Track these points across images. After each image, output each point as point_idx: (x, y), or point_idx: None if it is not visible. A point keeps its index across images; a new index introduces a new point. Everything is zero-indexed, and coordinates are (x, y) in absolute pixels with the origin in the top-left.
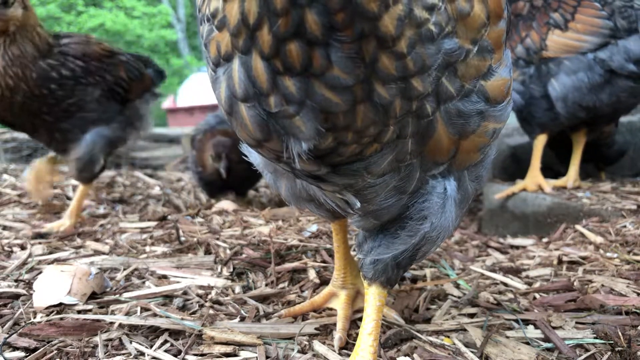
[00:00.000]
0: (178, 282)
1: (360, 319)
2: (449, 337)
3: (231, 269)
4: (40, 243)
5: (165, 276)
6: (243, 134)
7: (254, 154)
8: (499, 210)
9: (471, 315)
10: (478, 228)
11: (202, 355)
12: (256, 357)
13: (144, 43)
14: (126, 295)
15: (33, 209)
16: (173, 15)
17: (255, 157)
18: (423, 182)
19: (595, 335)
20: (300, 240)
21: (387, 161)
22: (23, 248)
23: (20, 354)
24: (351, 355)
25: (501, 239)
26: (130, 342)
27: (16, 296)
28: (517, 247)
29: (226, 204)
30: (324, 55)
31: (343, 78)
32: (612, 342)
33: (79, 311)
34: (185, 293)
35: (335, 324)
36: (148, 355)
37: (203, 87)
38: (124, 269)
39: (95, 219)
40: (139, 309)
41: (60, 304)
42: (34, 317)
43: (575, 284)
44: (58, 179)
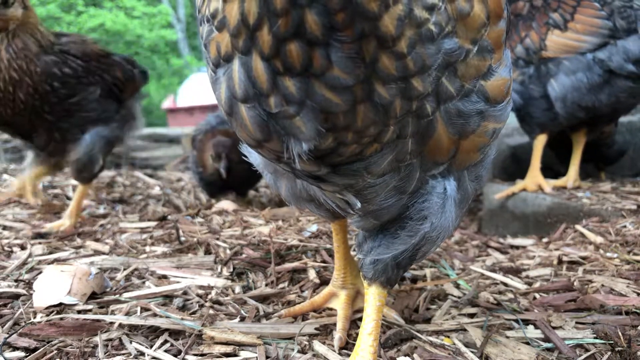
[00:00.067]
0: (178, 282)
1: (360, 319)
2: (449, 337)
3: (231, 269)
4: (40, 243)
5: (165, 276)
6: (243, 134)
7: (254, 155)
8: (499, 210)
9: (471, 315)
10: (478, 228)
11: (202, 355)
12: (256, 357)
13: (144, 43)
14: (126, 295)
15: (33, 209)
16: (173, 15)
17: (255, 158)
18: (423, 182)
19: (595, 335)
20: (300, 240)
21: (387, 161)
22: (23, 248)
23: (20, 354)
24: (351, 355)
25: (501, 239)
26: (130, 342)
27: (16, 296)
28: (517, 247)
29: (226, 204)
30: (324, 55)
31: (343, 78)
32: (612, 342)
33: (79, 311)
34: (185, 293)
35: (335, 324)
36: (148, 355)
37: (203, 87)
38: (124, 269)
39: (95, 219)
40: (139, 309)
41: (60, 304)
42: (34, 317)
43: (575, 284)
44: (40, 197)
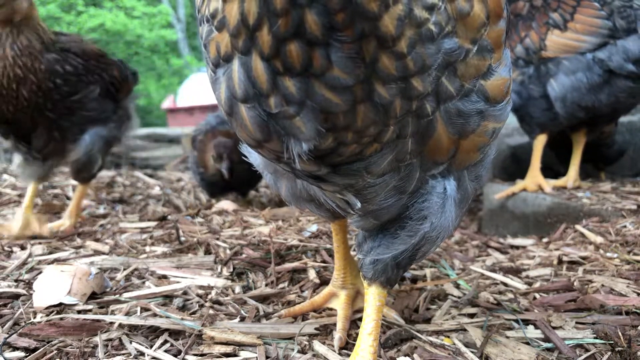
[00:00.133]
0: (178, 282)
1: (360, 319)
2: (449, 337)
3: (231, 269)
4: (40, 243)
5: (165, 276)
6: (243, 134)
7: (254, 155)
8: (499, 210)
9: (471, 315)
10: (478, 228)
11: (202, 355)
12: (256, 357)
13: (144, 43)
14: (126, 295)
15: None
16: (173, 15)
17: (255, 158)
18: (423, 182)
19: (595, 335)
20: (300, 240)
21: (387, 161)
22: (23, 248)
23: (20, 354)
24: (351, 355)
25: (501, 239)
26: (130, 342)
27: (16, 296)
28: (517, 247)
29: (226, 204)
30: (324, 55)
31: (343, 78)
32: (612, 342)
33: (79, 311)
34: (185, 293)
35: (335, 324)
36: (148, 355)
37: (203, 87)
38: (124, 269)
39: (95, 219)
40: (139, 309)
41: (60, 304)
42: (34, 317)
43: (575, 284)
44: (46, 227)
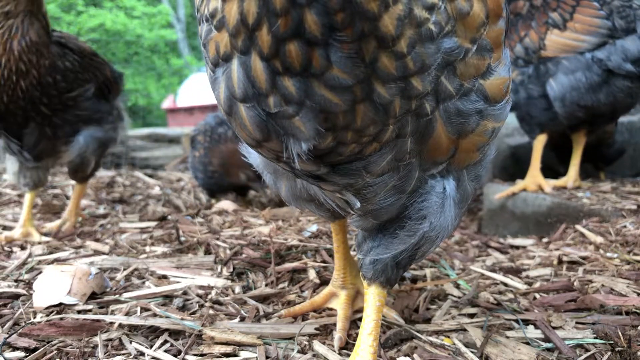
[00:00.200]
0: (178, 282)
1: (360, 319)
2: (449, 337)
3: (231, 269)
4: (40, 243)
5: (165, 276)
6: (242, 134)
7: (254, 155)
8: (499, 210)
9: (471, 315)
10: (478, 228)
11: (202, 355)
12: (256, 357)
13: (144, 43)
14: (126, 295)
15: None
16: (173, 15)
17: (255, 158)
18: (422, 182)
19: (595, 335)
20: (300, 240)
21: (387, 160)
22: (23, 248)
23: (20, 354)
24: (351, 355)
25: (501, 239)
26: (130, 342)
27: (16, 296)
28: (517, 247)
29: (226, 204)
30: (323, 55)
31: (343, 78)
32: (612, 342)
33: (79, 311)
34: (185, 293)
35: (335, 324)
36: (148, 355)
37: (203, 87)
38: (124, 269)
39: (95, 219)
40: (139, 309)
41: (60, 304)
42: (34, 317)
43: (575, 284)
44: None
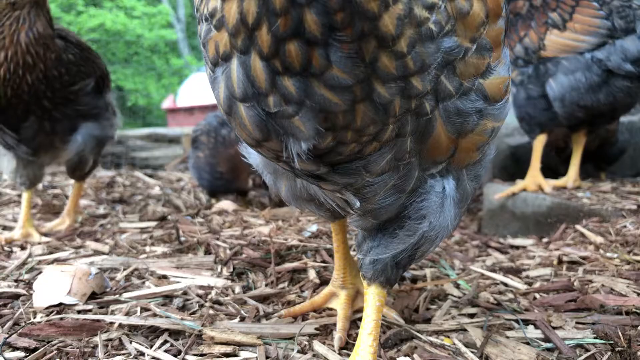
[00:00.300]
0: (178, 282)
1: (360, 319)
2: (449, 337)
3: (231, 269)
4: (40, 243)
5: (165, 276)
6: (242, 134)
7: (254, 155)
8: (499, 210)
9: (471, 315)
10: (478, 228)
11: (202, 355)
12: (256, 357)
13: (144, 43)
14: (126, 295)
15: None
16: (173, 15)
17: (254, 158)
18: (422, 181)
19: (595, 335)
20: (300, 240)
21: (386, 160)
22: (23, 248)
23: (20, 354)
24: (351, 355)
25: (501, 239)
26: (130, 342)
27: (16, 296)
28: (517, 247)
29: (226, 204)
30: (323, 55)
31: (343, 78)
32: (612, 342)
33: (79, 311)
34: (185, 293)
35: (335, 324)
36: (148, 355)
37: (203, 87)
38: (124, 269)
39: (95, 219)
40: (139, 309)
41: (60, 304)
42: (34, 317)
43: (575, 284)
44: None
